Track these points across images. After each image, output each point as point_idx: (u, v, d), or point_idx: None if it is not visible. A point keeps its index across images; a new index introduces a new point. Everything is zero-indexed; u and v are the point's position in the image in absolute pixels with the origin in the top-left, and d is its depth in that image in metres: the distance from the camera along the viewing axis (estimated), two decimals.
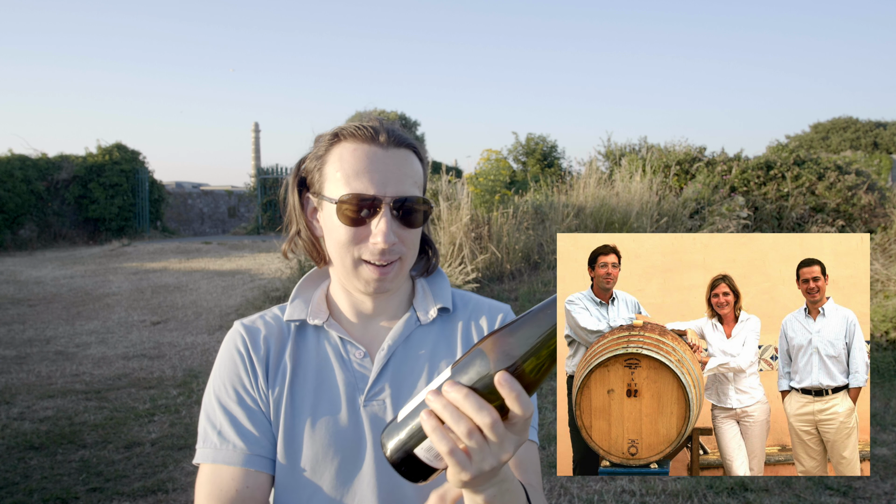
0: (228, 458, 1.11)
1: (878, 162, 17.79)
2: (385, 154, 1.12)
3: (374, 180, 1.09)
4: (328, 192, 1.13)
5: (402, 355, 1.18)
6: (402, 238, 1.11)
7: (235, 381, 1.17)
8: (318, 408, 1.15)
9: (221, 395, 1.17)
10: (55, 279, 11.73)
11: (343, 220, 1.10)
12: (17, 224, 18.10)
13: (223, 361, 1.20)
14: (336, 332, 1.19)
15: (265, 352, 1.19)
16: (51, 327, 8.25)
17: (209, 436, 1.14)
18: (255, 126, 31.17)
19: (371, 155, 1.11)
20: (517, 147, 23.35)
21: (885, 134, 37.18)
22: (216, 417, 1.16)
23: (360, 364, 1.17)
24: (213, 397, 1.18)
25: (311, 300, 1.24)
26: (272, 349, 1.19)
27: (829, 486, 3.77)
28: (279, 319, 1.23)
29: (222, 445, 1.13)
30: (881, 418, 4.91)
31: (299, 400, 1.16)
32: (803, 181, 10.29)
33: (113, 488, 3.80)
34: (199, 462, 1.13)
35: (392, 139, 1.13)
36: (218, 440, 1.13)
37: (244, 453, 1.12)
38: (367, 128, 1.14)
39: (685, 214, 9.08)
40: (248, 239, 17.92)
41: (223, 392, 1.17)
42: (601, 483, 3.77)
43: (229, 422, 1.14)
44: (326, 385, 1.16)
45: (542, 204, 8.83)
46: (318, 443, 1.12)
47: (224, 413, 1.15)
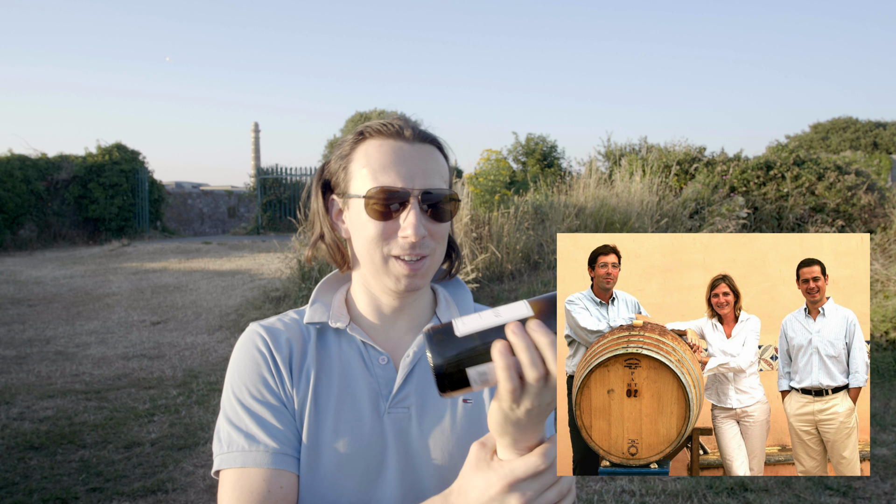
0: (260, 459, 1.07)
1: (878, 162, 17.80)
2: (411, 148, 1.12)
3: (401, 174, 1.09)
4: (354, 190, 1.12)
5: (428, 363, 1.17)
6: (431, 232, 1.10)
7: (258, 381, 1.13)
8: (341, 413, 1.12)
9: (244, 398, 1.12)
10: (55, 279, 11.73)
11: (372, 214, 1.09)
12: (17, 224, 18.10)
13: (243, 362, 1.15)
14: (359, 335, 1.16)
15: (288, 352, 1.15)
16: (51, 327, 8.25)
17: (234, 439, 1.09)
18: (255, 126, 31.18)
19: (397, 150, 1.11)
20: (517, 147, 23.35)
21: (885, 134, 37.19)
22: (241, 420, 1.11)
23: (383, 370, 1.15)
24: (234, 400, 1.13)
25: (331, 304, 1.21)
26: (295, 350, 1.16)
27: (829, 487, 3.78)
28: (298, 323, 1.20)
29: (251, 447, 1.08)
30: (881, 418, 4.92)
31: (323, 404, 1.12)
32: (803, 181, 10.29)
33: (113, 488, 3.80)
34: (223, 468, 1.08)
35: (417, 134, 1.13)
36: (246, 443, 1.08)
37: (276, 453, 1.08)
38: (391, 124, 1.14)
39: (685, 215, 9.08)
40: (248, 239, 17.92)
41: (245, 394, 1.12)
42: (601, 483, 3.77)
43: (256, 423, 1.10)
44: (350, 390, 1.13)
45: (542, 204, 8.83)
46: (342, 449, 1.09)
47: (249, 414, 1.11)
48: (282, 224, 19.96)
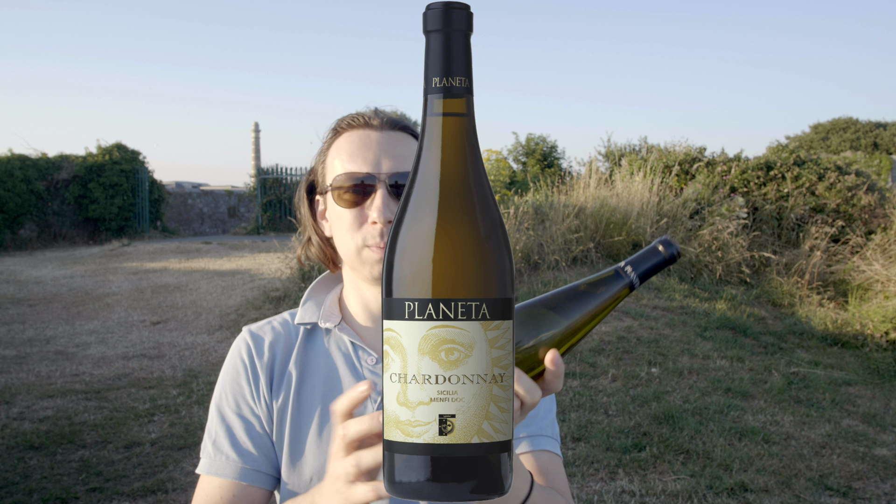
0: (220, 469, 1.10)
1: (878, 162, 17.80)
2: (379, 135, 1.12)
3: (367, 159, 1.08)
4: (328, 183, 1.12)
5: None
6: None
7: (236, 391, 1.15)
8: (325, 416, 1.11)
9: (221, 405, 1.15)
10: (55, 279, 11.73)
11: (340, 203, 1.08)
12: (17, 224, 18.09)
13: (227, 370, 1.17)
14: (348, 336, 1.15)
15: (269, 359, 1.15)
16: (51, 327, 8.25)
17: (206, 446, 1.13)
18: (255, 126, 31.17)
19: (364, 137, 1.11)
20: (517, 147, 23.33)
21: (885, 134, 37.18)
22: (214, 427, 1.14)
23: (372, 371, 1.13)
24: (214, 406, 1.16)
25: (323, 303, 1.20)
26: (278, 356, 1.16)
27: (829, 487, 3.78)
28: (288, 325, 1.20)
29: (216, 456, 1.11)
30: (881, 418, 4.91)
31: (307, 408, 1.12)
32: (803, 181, 10.29)
33: (113, 488, 3.80)
34: (198, 472, 1.13)
35: (386, 122, 1.13)
36: (213, 451, 1.12)
37: (236, 466, 1.10)
38: (361, 115, 1.14)
39: (685, 215, 9.08)
40: (248, 239, 17.92)
41: (223, 402, 1.15)
42: (601, 483, 3.77)
43: (225, 432, 1.12)
44: (335, 392, 1.12)
45: (542, 204, 8.83)
46: (326, 452, 1.08)
47: (221, 423, 1.13)
48: (282, 224, 19.94)
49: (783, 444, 4.35)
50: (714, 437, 4.34)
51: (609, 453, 4.08)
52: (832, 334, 7.00)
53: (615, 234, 8.40)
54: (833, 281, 8.80)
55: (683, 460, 4.05)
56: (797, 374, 5.75)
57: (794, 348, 6.57)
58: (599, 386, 5.17)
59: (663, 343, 6.04)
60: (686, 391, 5.15)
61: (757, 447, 4.24)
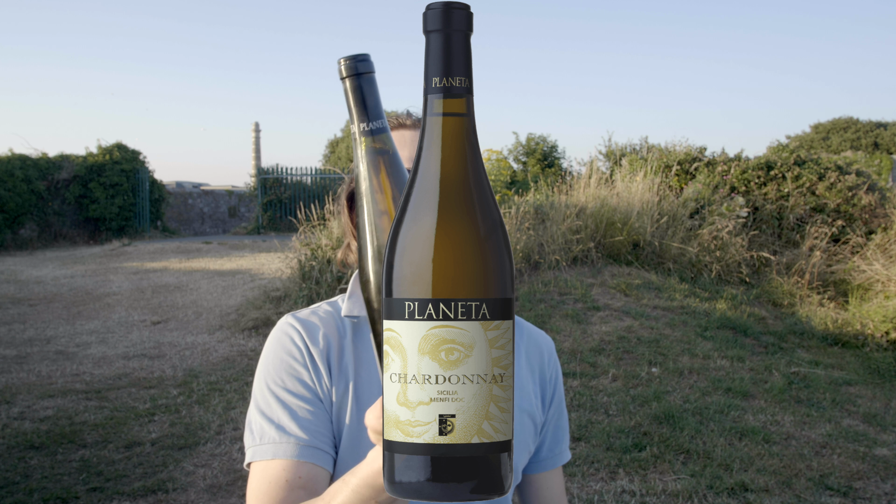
0: (286, 451, 1.07)
1: (879, 162, 17.78)
2: (412, 134, 1.16)
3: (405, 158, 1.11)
4: None
5: None
6: None
7: (293, 375, 1.12)
8: None
9: (277, 390, 1.12)
10: (55, 279, 11.74)
11: None
12: (17, 224, 18.10)
13: (277, 355, 1.14)
14: None
15: (325, 347, 1.14)
16: (51, 327, 8.25)
17: (266, 431, 1.09)
18: (256, 126, 31.18)
19: (399, 137, 1.15)
20: (517, 147, 23.34)
21: (886, 134, 37.17)
22: (273, 412, 1.10)
23: None
24: (268, 392, 1.12)
25: None
26: (333, 346, 1.15)
27: (830, 487, 3.78)
28: (333, 316, 1.18)
29: (282, 439, 1.08)
30: (881, 418, 4.91)
31: (366, 401, 1.11)
32: (804, 181, 10.29)
33: (113, 488, 3.80)
34: (255, 459, 1.08)
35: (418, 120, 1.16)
36: (277, 434, 1.08)
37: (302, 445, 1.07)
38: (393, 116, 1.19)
39: (685, 214, 9.08)
40: (249, 239, 17.92)
41: (279, 386, 1.12)
42: (601, 483, 3.77)
43: (289, 415, 1.09)
44: None
45: (542, 204, 8.83)
46: None
47: (283, 406, 1.10)
48: (282, 224, 19.93)
49: (783, 443, 4.35)
50: (714, 437, 4.34)
51: (609, 453, 4.08)
52: (832, 334, 7.00)
53: (616, 233, 8.41)
54: (833, 281, 8.80)
55: (684, 460, 4.05)
56: (797, 373, 5.75)
57: (794, 348, 6.57)
58: (600, 386, 5.17)
59: (664, 343, 6.04)
60: (686, 391, 5.15)
61: (757, 447, 4.24)
